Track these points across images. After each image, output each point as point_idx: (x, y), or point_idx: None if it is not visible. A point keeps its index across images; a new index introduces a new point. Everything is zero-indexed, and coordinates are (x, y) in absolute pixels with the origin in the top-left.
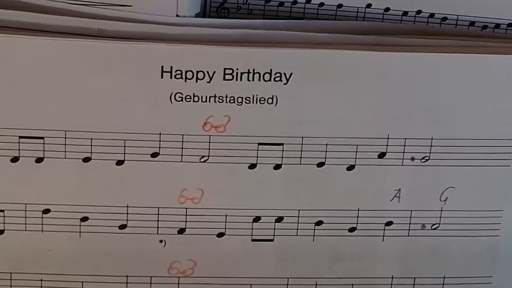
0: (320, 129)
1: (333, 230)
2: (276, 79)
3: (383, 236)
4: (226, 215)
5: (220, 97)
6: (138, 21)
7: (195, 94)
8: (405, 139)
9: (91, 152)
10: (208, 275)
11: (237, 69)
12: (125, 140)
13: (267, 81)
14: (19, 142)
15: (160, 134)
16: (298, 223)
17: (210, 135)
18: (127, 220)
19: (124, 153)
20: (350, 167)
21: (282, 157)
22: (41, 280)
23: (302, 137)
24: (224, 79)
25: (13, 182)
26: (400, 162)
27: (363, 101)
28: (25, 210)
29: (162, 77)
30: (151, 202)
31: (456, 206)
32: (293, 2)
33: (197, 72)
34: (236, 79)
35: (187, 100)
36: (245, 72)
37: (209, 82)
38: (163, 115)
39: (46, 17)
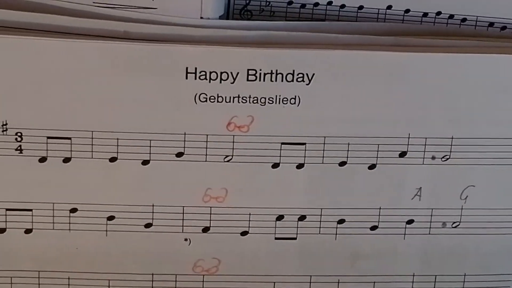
0: (342, 128)
1: (355, 228)
2: (299, 79)
3: (404, 234)
4: (250, 214)
5: (244, 98)
6: (163, 23)
7: (219, 95)
8: (426, 138)
9: (117, 152)
10: (232, 273)
11: (260, 70)
12: (150, 140)
13: (290, 81)
14: (47, 143)
15: (184, 134)
16: (320, 221)
17: (233, 135)
18: (152, 219)
19: (150, 153)
20: (372, 166)
21: (305, 156)
22: (69, 279)
23: (324, 137)
24: (248, 79)
25: (41, 182)
26: (420, 161)
27: (384, 101)
28: (53, 210)
29: (186, 78)
30: (176, 201)
31: (476, 204)
32: (315, 4)
33: (221, 73)
34: (259, 80)
35: (211, 100)
36: (268, 73)
37: (232, 82)
38: (188, 115)
39: (73, 19)
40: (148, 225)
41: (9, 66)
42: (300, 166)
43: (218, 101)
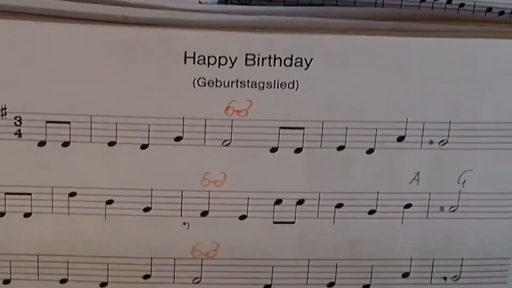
0: (340, 113)
1: (353, 212)
2: (297, 64)
3: (402, 218)
4: (248, 198)
5: (242, 82)
6: (161, 8)
7: (217, 79)
8: (424, 122)
9: (116, 137)
10: (230, 257)
11: (259, 54)
12: (149, 124)
13: (288, 66)
14: (46, 127)
15: (183, 118)
16: (318, 205)
17: (232, 119)
18: (151, 203)
19: (148, 137)
20: (370, 151)
21: (303, 140)
22: (67, 262)
23: (323, 121)
24: (246, 64)
25: (40, 166)
26: (418, 146)
27: (382, 86)
28: (52, 193)
29: (185, 62)
30: (174, 185)
31: (474, 189)
32: None
33: (220, 57)
34: (258, 64)
35: (210, 85)
36: (266, 58)
37: (231, 67)
38: (186, 100)
39: (72, 4)
40: (147, 209)
41: (8, 50)
42: (298, 150)
43: (216, 86)
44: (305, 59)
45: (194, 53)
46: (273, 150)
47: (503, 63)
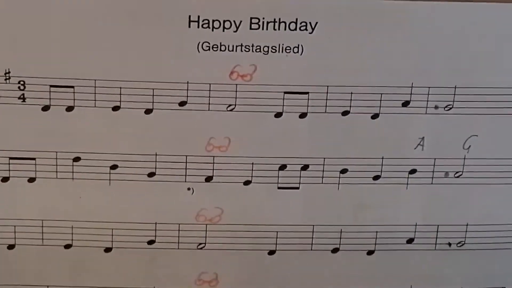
0: (345, 78)
1: (357, 178)
2: (302, 28)
3: (407, 184)
4: (253, 163)
5: (247, 46)
6: None
7: (222, 43)
8: (429, 87)
9: (120, 101)
10: (234, 223)
11: (263, 18)
12: (153, 89)
13: (293, 30)
14: (49, 91)
15: (187, 83)
16: (323, 171)
17: (236, 84)
18: (155, 168)
19: (153, 102)
20: (375, 116)
21: (308, 105)
22: (72, 227)
23: (327, 86)
24: (251, 28)
25: (44, 131)
26: (423, 111)
27: (387, 50)
28: (56, 158)
29: (189, 26)
30: (179, 150)
31: (479, 154)
32: None
33: (224, 21)
34: (262, 28)
35: (214, 49)
36: (271, 21)
37: (235, 31)
38: (191, 64)
39: None
40: (151, 174)
41: (12, 15)
42: (303, 115)
43: (221, 50)
44: (310, 23)
45: (199, 17)
46: (278, 115)
47: (509, 28)
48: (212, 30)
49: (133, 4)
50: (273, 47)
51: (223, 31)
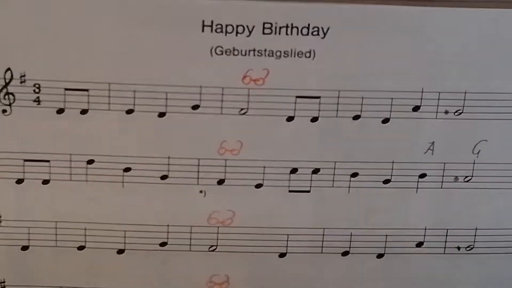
0: (356, 82)
1: (368, 182)
2: (314, 33)
3: (417, 188)
4: (264, 167)
5: (259, 51)
6: None
7: (235, 48)
8: (439, 92)
9: (134, 104)
10: (246, 225)
11: (276, 23)
12: (166, 92)
13: (305, 35)
14: (64, 94)
15: (200, 87)
16: (334, 174)
17: (249, 88)
18: (168, 170)
19: (166, 105)
20: (385, 120)
21: (319, 110)
22: (85, 229)
23: (339, 90)
24: (263, 33)
25: (58, 133)
26: (434, 115)
27: (398, 55)
28: (70, 161)
29: (203, 31)
30: (191, 153)
31: (488, 159)
32: None
33: (237, 26)
34: (275, 33)
35: (227, 53)
36: (283, 26)
37: (248, 36)
38: (204, 68)
39: None
40: (164, 177)
41: (27, 18)
42: (314, 119)
43: (234, 54)
44: (322, 28)
45: (212, 21)
46: (289, 119)
47: None
48: (225, 34)
49: (147, 9)
50: (286, 52)
51: (236, 35)
